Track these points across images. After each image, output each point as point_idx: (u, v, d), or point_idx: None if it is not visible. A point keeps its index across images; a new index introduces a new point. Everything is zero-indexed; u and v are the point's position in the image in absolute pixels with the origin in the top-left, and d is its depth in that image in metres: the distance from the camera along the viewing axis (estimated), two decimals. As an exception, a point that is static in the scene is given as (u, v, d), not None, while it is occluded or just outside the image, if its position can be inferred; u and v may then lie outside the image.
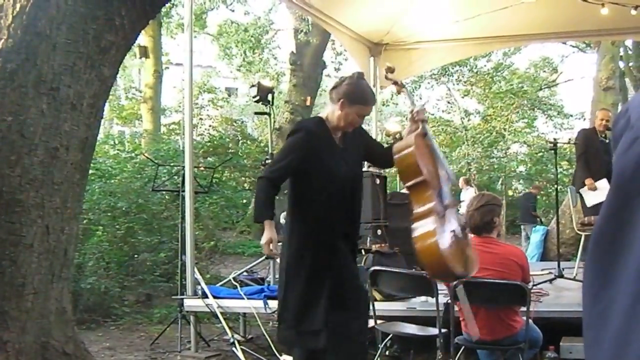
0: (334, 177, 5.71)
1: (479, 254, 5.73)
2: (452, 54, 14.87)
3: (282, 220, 20.03)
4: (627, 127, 0.99)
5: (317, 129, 5.77)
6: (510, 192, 26.51)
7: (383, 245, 9.15)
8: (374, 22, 12.74)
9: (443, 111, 27.05)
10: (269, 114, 9.64)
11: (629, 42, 24.96)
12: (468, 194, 21.35)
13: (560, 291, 9.03)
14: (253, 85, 9.73)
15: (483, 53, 21.57)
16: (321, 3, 11.52)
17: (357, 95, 5.73)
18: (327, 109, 5.84)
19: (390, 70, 6.06)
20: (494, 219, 6.08)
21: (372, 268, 6.74)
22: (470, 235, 5.98)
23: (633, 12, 11.24)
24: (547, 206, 23.34)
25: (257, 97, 9.48)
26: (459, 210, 18.72)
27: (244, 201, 24.52)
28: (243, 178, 23.10)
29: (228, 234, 20.78)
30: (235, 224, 22.86)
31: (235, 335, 8.58)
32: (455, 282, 5.81)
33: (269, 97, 9.49)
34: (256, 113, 11.01)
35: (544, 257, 16.97)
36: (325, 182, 5.70)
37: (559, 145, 11.41)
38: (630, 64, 30.15)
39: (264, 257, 9.70)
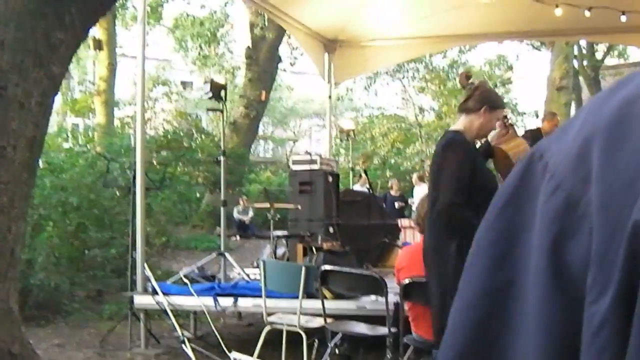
0: (489, 187, 5.38)
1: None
2: (407, 52, 14.88)
3: (236, 215, 20.01)
4: (545, 175, 0.96)
5: (468, 141, 5.60)
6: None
7: (334, 243, 9.14)
8: (330, 19, 12.74)
9: (398, 107, 27.12)
10: (222, 111, 9.59)
11: (583, 42, 25.15)
12: (421, 190, 21.37)
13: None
14: (206, 82, 9.71)
15: (438, 51, 21.64)
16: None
17: (498, 100, 5.82)
18: (462, 121, 5.62)
19: (468, 76, 6.05)
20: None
21: (322, 267, 6.73)
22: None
23: (587, 13, 11.36)
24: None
25: (210, 94, 9.43)
26: (411, 207, 18.83)
27: (197, 195, 24.46)
28: (197, 172, 22.98)
29: (181, 229, 20.72)
30: (188, 218, 22.80)
31: (185, 333, 8.56)
32: (404, 281, 5.84)
33: (222, 93, 9.44)
34: (209, 109, 10.97)
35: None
36: (483, 193, 5.00)
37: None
38: (584, 63, 30.45)
39: (215, 254, 9.66)
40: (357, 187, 18.30)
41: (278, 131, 45.60)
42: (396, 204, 21.29)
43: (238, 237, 22.80)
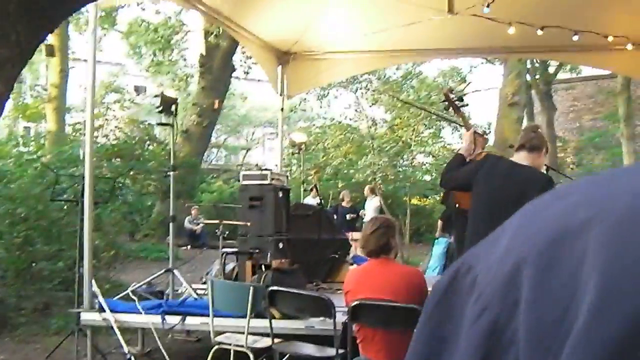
0: None
1: (378, 276, 5.79)
2: (360, 66, 14.92)
3: (187, 225, 19.97)
4: (473, 292, 0.94)
5: None
6: (415, 201, 26.73)
7: (283, 261, 9.11)
8: (283, 31, 12.73)
9: (350, 119, 27.13)
10: (172, 125, 9.53)
11: (536, 57, 25.34)
12: (373, 203, 21.45)
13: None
14: (157, 96, 9.64)
15: (391, 65, 21.72)
16: (230, 11, 11.46)
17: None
18: (526, 158, 6.28)
19: (450, 90, 6.39)
20: (390, 240, 6.08)
21: (270, 288, 6.70)
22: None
23: (539, 32, 11.46)
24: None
25: (161, 108, 9.37)
26: (362, 218, 18.88)
27: (149, 203, 24.33)
28: (148, 181, 22.88)
29: (131, 238, 20.61)
30: (139, 226, 22.67)
31: (132, 349, 8.49)
32: (352, 303, 5.84)
33: (173, 108, 9.39)
34: (159, 124, 10.91)
35: (445, 269, 17.12)
36: None
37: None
38: (537, 77, 30.70)
39: (163, 270, 9.60)
40: (309, 199, 18.30)
41: (231, 139, 45.52)
42: (348, 216, 21.31)
43: (189, 247, 22.74)
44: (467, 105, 7.69)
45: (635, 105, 30.92)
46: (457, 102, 7.42)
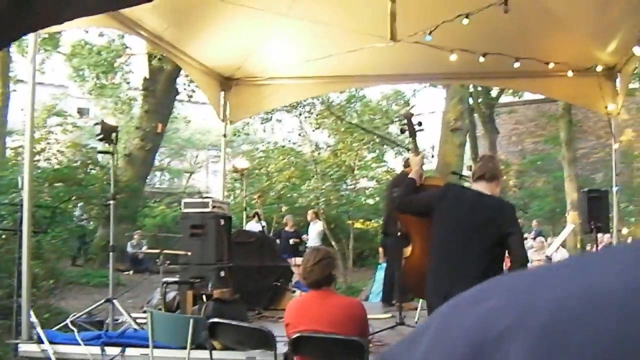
0: None
1: (318, 308, 5.77)
2: (303, 91, 14.96)
3: (130, 250, 19.78)
4: None
5: None
6: (358, 225, 26.73)
7: (225, 291, 9.05)
8: (226, 57, 12.74)
9: (294, 143, 27.12)
10: (113, 153, 9.46)
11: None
12: (316, 228, 21.44)
13: (401, 339, 9.07)
14: (97, 124, 9.54)
15: (334, 91, 21.76)
16: (173, 36, 11.44)
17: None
18: (486, 188, 6.59)
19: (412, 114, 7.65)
20: (332, 272, 6.08)
21: (210, 320, 6.65)
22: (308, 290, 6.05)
23: (481, 59, 11.60)
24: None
25: (101, 136, 9.30)
26: (306, 243, 18.89)
27: (91, 228, 24.09)
28: (90, 206, 22.67)
29: (72, 263, 20.40)
30: (80, 252, 22.46)
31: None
32: (293, 335, 5.82)
33: (113, 136, 9.32)
34: (99, 152, 10.83)
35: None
36: None
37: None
38: (479, 101, 30.99)
39: (103, 300, 9.49)
40: (251, 224, 18.23)
41: (175, 162, 45.26)
42: (291, 241, 21.27)
43: (132, 273, 22.54)
44: (423, 130, 7.83)
45: (576, 129, 31.37)
46: (415, 127, 7.67)
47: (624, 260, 0.78)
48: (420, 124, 7.88)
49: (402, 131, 7.89)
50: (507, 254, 6.45)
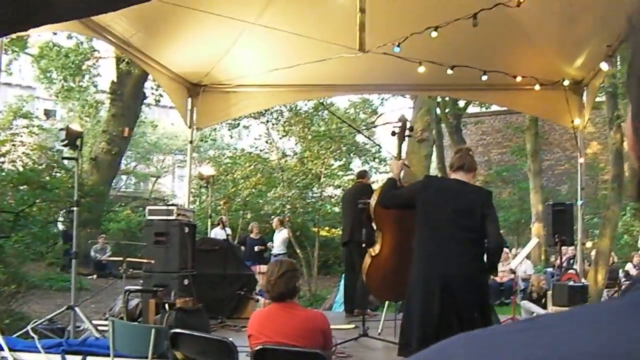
0: None
1: (282, 320, 5.76)
2: (271, 99, 14.92)
3: (93, 254, 19.64)
4: None
5: None
6: (324, 233, 26.68)
7: (187, 300, 8.99)
8: (194, 64, 12.70)
9: (261, 150, 27.01)
10: (77, 160, 9.38)
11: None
12: (281, 235, 21.42)
13: (365, 351, 9.08)
14: (62, 129, 9.46)
15: (302, 99, 21.71)
16: (141, 42, 11.39)
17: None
18: (464, 177, 7.13)
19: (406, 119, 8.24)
20: (296, 284, 6.07)
21: (172, 330, 6.61)
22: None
23: (449, 71, 11.67)
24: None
25: (66, 142, 9.22)
26: (270, 250, 18.83)
27: (55, 231, 23.92)
28: (55, 209, 22.48)
29: (36, 265, 20.24)
30: (44, 255, 22.29)
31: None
32: (256, 347, 5.79)
33: (78, 142, 9.24)
34: (64, 158, 10.75)
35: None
36: None
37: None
38: (447, 111, 31.09)
39: (65, 307, 9.41)
40: (216, 230, 18.17)
41: (141, 166, 45.06)
42: (256, 248, 21.25)
43: (95, 277, 22.44)
44: (411, 137, 8.72)
45: (542, 141, 31.55)
46: (406, 132, 8.33)
47: (599, 320, 0.75)
48: (411, 129, 8.62)
49: (393, 134, 8.32)
50: None
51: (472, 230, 6.83)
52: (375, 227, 8.51)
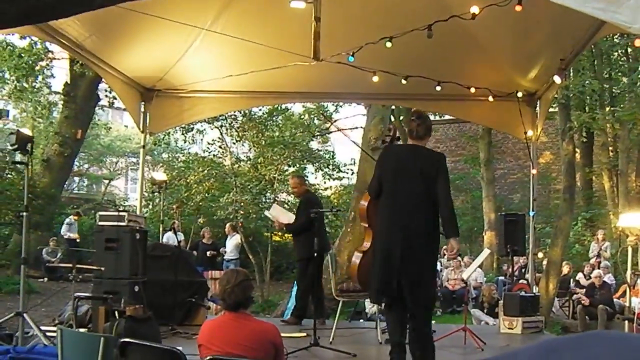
0: None
1: (233, 331, 5.72)
2: (225, 105, 14.84)
3: (45, 256, 19.46)
4: None
5: None
6: (276, 238, 26.65)
7: (137, 307, 8.91)
8: (148, 68, 12.62)
9: (215, 155, 26.88)
10: (27, 164, 9.29)
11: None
12: (233, 240, 21.41)
13: (315, 361, 9.07)
14: (12, 133, 9.36)
15: (256, 106, 21.68)
16: (94, 45, 11.26)
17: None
18: (419, 143, 7.99)
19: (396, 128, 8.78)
20: (251, 294, 6.05)
21: (121, 340, 6.55)
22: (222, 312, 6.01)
23: (403, 81, 11.74)
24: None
25: (16, 146, 9.13)
26: (223, 256, 18.79)
27: (6, 232, 23.73)
28: (5, 210, 22.31)
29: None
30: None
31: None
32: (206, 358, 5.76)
33: (28, 146, 9.16)
34: (14, 162, 10.64)
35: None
36: None
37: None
38: (401, 118, 31.15)
39: (13, 314, 9.31)
40: (169, 235, 18.10)
41: (94, 168, 44.68)
42: (208, 253, 21.22)
43: (46, 280, 22.26)
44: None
45: (495, 150, 31.79)
46: (395, 141, 9.29)
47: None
48: (398, 138, 9.66)
49: (384, 142, 9.54)
50: None
51: (427, 188, 7.65)
52: (367, 226, 9.18)
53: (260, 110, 26.25)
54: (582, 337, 0.89)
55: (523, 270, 19.47)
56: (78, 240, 24.03)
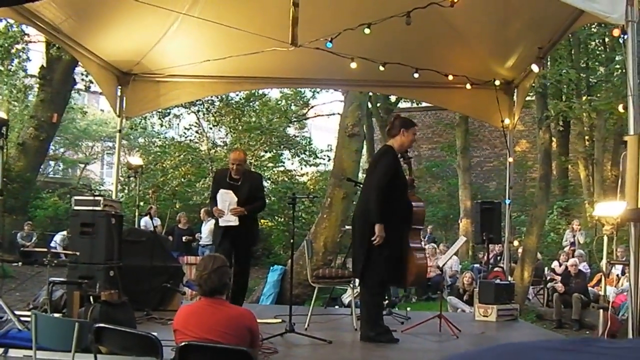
0: (403, 183, 9.46)
1: (209, 316, 5.71)
2: (202, 90, 14.77)
3: (19, 241, 19.37)
4: None
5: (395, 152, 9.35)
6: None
7: (113, 292, 8.88)
8: (124, 52, 12.54)
9: (191, 140, 26.82)
10: (2, 148, 9.22)
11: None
12: (209, 226, 21.31)
13: (290, 348, 9.05)
14: (-13, 117, 9.27)
15: (233, 91, 21.62)
16: (70, 28, 11.18)
17: (408, 122, 9.68)
18: (395, 140, 9.36)
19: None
20: (227, 280, 6.04)
21: (96, 325, 6.52)
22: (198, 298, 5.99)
23: (381, 68, 11.75)
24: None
25: (-10, 129, 9.05)
26: (199, 241, 18.68)
27: (-19, 218, 23.53)
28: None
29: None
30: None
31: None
32: (181, 343, 5.73)
33: (3, 129, 9.08)
34: (-12, 145, 10.53)
35: (280, 297, 17.08)
36: (401, 186, 9.36)
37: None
38: (378, 105, 31.19)
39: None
40: (146, 220, 18.03)
41: (69, 152, 44.40)
42: (184, 238, 21.19)
43: (21, 264, 22.14)
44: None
45: (471, 137, 31.84)
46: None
47: None
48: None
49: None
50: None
51: (369, 180, 9.36)
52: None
53: (237, 95, 26.20)
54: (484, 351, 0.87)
55: (498, 258, 19.54)
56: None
